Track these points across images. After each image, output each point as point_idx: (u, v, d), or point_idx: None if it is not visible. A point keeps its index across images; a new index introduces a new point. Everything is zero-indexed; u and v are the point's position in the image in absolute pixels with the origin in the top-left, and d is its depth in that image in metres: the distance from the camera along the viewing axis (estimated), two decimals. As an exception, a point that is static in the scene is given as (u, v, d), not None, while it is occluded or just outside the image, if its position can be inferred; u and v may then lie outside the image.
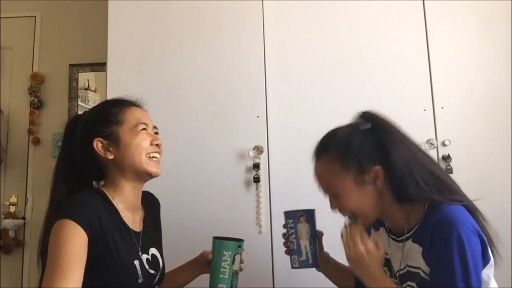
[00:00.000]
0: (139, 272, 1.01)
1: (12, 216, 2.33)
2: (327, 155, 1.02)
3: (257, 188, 1.58)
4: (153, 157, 1.08)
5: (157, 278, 1.09)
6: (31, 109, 2.45)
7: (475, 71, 1.62)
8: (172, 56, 1.70)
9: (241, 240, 1.11)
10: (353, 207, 0.99)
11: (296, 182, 1.56)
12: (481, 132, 1.58)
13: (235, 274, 1.08)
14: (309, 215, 1.10)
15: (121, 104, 1.11)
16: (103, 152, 1.05)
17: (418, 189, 0.94)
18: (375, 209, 1.00)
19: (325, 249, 1.21)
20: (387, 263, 1.07)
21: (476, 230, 0.90)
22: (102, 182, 1.12)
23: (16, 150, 2.45)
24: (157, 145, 1.09)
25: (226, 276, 1.06)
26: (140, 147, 1.05)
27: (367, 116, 1.04)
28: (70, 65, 2.49)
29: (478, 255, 0.88)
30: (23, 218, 2.36)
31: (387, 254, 1.07)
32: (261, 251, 1.55)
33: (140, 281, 1.01)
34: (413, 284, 0.97)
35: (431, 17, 1.64)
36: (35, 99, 2.45)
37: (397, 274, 1.02)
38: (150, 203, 1.21)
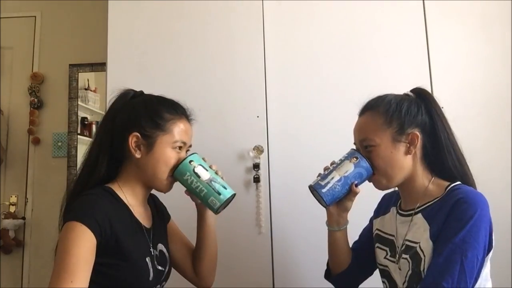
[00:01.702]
0: (151, 269, 1.01)
1: (12, 216, 2.34)
2: (373, 111, 1.07)
3: (257, 188, 1.58)
4: None
5: (164, 274, 1.10)
6: (31, 109, 2.46)
7: (475, 71, 1.62)
8: (172, 56, 1.70)
9: (186, 157, 1.08)
10: (380, 163, 1.03)
11: (296, 182, 1.56)
12: (481, 132, 1.58)
13: (211, 180, 1.06)
14: (362, 163, 1.04)
15: (176, 113, 1.08)
16: (133, 147, 1.03)
17: (454, 165, 1.03)
18: (400, 172, 1.03)
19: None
20: (390, 243, 1.09)
21: (490, 220, 0.95)
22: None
23: (16, 150, 2.45)
24: None
25: (206, 190, 1.05)
26: (166, 166, 1.04)
27: (418, 92, 1.11)
28: (70, 65, 2.49)
29: (483, 244, 0.92)
30: (23, 218, 2.36)
31: (392, 235, 1.09)
32: (261, 251, 1.55)
33: (150, 278, 1.01)
34: (407, 256, 0.99)
35: (431, 17, 1.64)
36: (35, 99, 2.45)
37: (400, 252, 1.04)
38: (151, 200, 1.21)
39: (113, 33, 1.71)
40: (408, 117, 1.03)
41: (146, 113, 1.06)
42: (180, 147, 1.07)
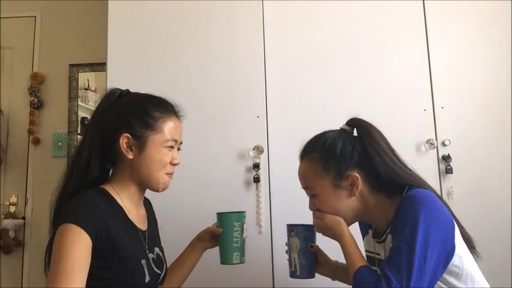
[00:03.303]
0: (146, 271, 1.01)
1: (12, 216, 2.33)
2: (310, 157, 1.07)
3: (257, 188, 1.58)
4: (170, 173, 1.08)
5: (161, 277, 1.10)
6: (31, 109, 2.45)
7: (475, 71, 1.62)
8: (172, 56, 1.70)
9: (244, 211, 1.20)
10: (328, 210, 1.04)
11: (296, 182, 1.55)
12: (481, 132, 1.58)
13: (244, 241, 1.16)
14: (299, 230, 1.15)
15: (165, 110, 1.07)
16: (125, 149, 1.02)
17: (401, 178, 1.01)
18: (350, 214, 1.04)
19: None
20: (374, 262, 1.09)
21: (443, 211, 0.94)
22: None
23: (16, 150, 2.45)
24: (174, 164, 1.08)
25: (239, 245, 1.15)
26: (160, 164, 1.04)
27: (353, 123, 1.10)
28: (70, 65, 2.49)
29: (437, 236, 0.90)
30: (23, 218, 2.36)
31: (378, 254, 1.09)
32: (261, 251, 1.55)
33: (146, 280, 1.00)
34: None
35: (431, 17, 1.64)
36: (35, 99, 2.45)
37: None
38: (146, 203, 1.21)
39: (113, 33, 1.71)
40: (344, 160, 1.02)
41: (135, 113, 1.04)
42: (172, 145, 1.06)
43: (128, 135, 1.02)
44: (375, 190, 1.03)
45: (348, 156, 1.02)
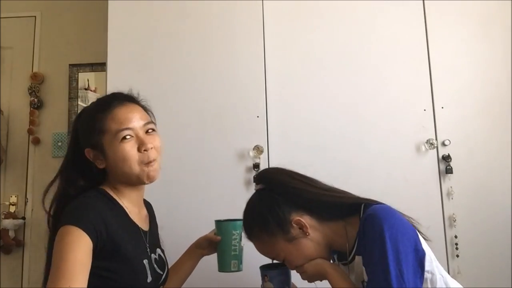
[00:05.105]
0: (148, 271, 1.01)
1: (12, 216, 2.33)
2: (254, 235, 1.08)
3: (257, 188, 1.57)
4: (148, 162, 1.02)
5: (163, 278, 1.10)
6: (31, 109, 2.45)
7: (475, 71, 1.62)
8: (172, 56, 1.70)
9: (241, 220, 1.17)
10: (299, 262, 1.05)
11: (296, 182, 1.56)
12: (481, 132, 1.58)
13: (242, 249, 1.16)
14: (273, 275, 1.12)
15: (107, 107, 1.03)
16: (95, 161, 1.04)
17: (341, 201, 1.04)
18: (317, 251, 1.05)
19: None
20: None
21: (402, 221, 0.95)
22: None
23: (16, 150, 2.45)
24: (145, 150, 1.01)
25: (237, 252, 1.15)
26: (126, 160, 1.00)
27: (259, 181, 1.12)
28: (70, 65, 2.49)
29: (406, 246, 0.90)
30: (23, 218, 2.36)
31: None
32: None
33: (149, 280, 1.01)
34: None
35: (431, 17, 1.64)
36: (35, 99, 2.45)
37: None
38: (147, 205, 1.21)
39: (113, 33, 1.71)
40: (277, 217, 1.03)
41: (86, 126, 1.06)
42: (126, 135, 1.00)
43: (89, 149, 1.04)
44: (323, 219, 1.04)
45: (277, 211, 1.03)
